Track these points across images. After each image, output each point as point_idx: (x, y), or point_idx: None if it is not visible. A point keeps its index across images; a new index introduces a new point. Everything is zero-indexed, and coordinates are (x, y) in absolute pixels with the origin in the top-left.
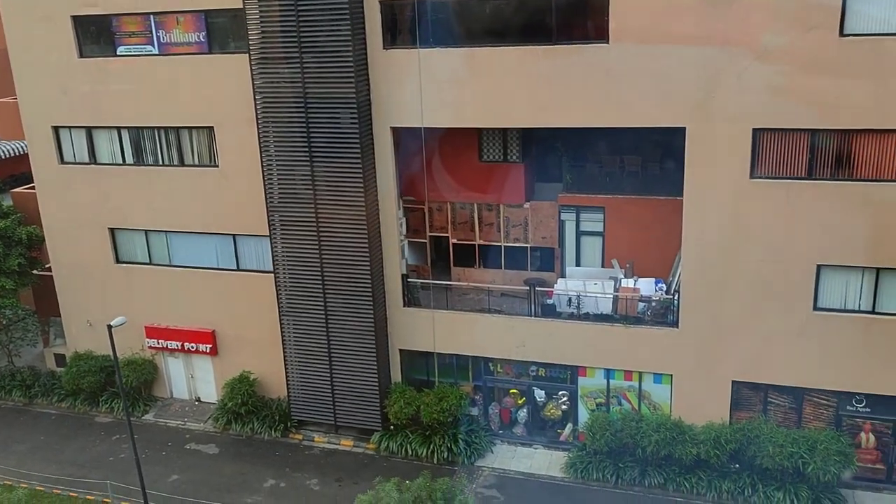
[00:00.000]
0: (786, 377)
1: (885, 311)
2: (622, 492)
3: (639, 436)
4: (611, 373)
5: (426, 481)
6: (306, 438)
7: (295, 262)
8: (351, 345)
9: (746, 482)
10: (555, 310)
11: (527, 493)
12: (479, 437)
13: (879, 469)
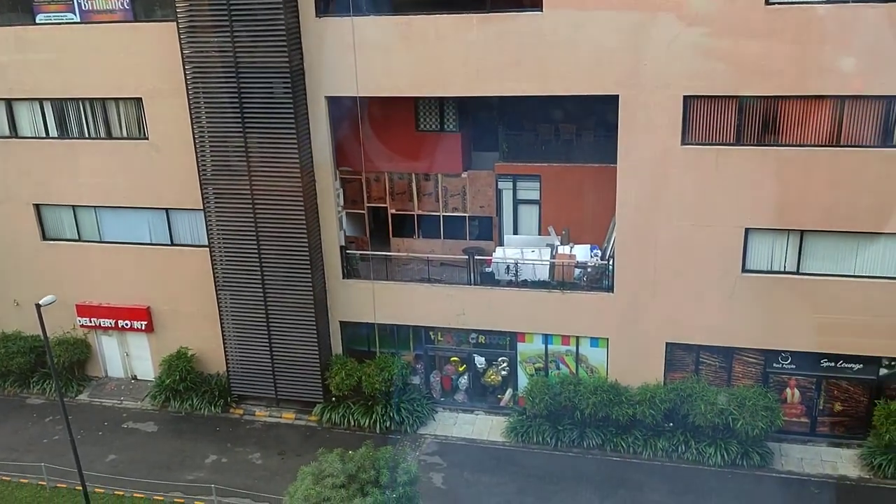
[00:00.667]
0: (716, 338)
1: (809, 271)
2: (561, 454)
3: (577, 399)
4: (549, 338)
5: (369, 451)
6: (247, 413)
7: (230, 235)
8: (290, 318)
9: (680, 439)
10: (493, 278)
11: (469, 458)
12: (421, 405)
13: (804, 422)
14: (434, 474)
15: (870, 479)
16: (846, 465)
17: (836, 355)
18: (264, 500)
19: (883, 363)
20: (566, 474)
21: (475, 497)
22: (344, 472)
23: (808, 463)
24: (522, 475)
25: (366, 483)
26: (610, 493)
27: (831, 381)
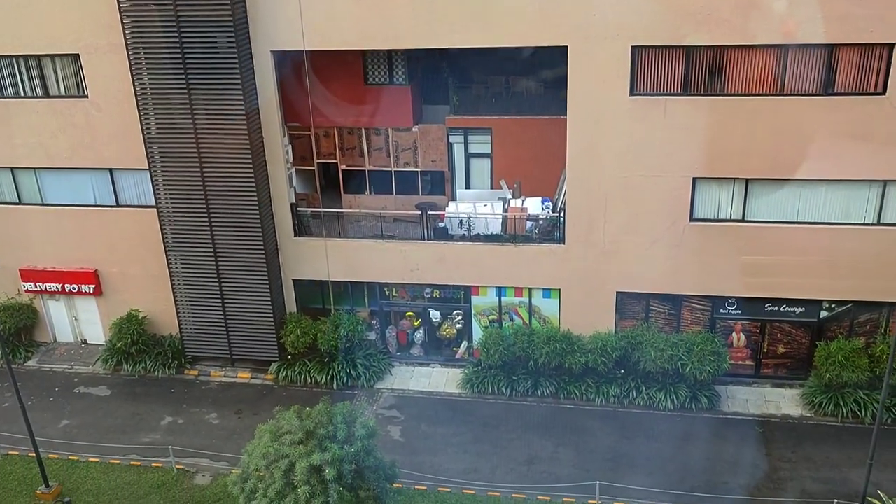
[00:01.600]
0: (665, 286)
1: (754, 219)
2: (516, 403)
3: (530, 349)
4: (502, 290)
5: (326, 407)
6: (202, 374)
7: (178, 195)
8: (242, 277)
9: (631, 386)
10: (447, 232)
11: (426, 410)
12: (378, 360)
13: (748, 365)
14: (392, 427)
15: (811, 417)
16: (789, 405)
17: (780, 300)
18: (222, 460)
19: (823, 306)
20: (521, 423)
21: (432, 448)
22: (301, 429)
23: (753, 404)
24: (478, 425)
25: (324, 438)
26: (564, 440)
27: (775, 324)
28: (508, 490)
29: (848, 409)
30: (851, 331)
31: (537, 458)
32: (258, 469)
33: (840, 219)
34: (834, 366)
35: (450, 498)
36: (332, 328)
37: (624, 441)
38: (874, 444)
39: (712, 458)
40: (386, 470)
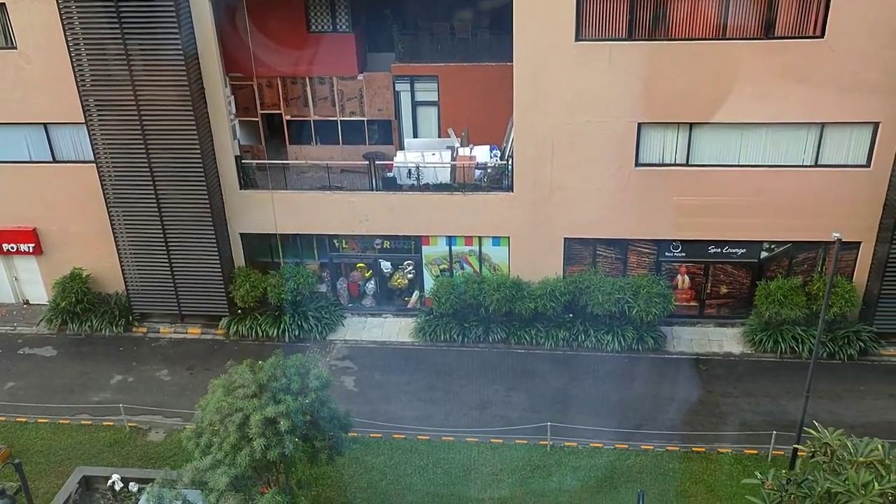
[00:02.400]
0: (612, 231)
1: (697, 163)
2: (468, 349)
3: (481, 296)
4: (452, 240)
5: (279, 359)
6: (151, 331)
7: (117, 149)
8: (188, 232)
9: (579, 329)
10: (395, 183)
11: (379, 360)
12: (329, 312)
13: (693, 306)
14: (346, 378)
15: (751, 353)
16: (731, 343)
17: (722, 242)
18: (176, 416)
19: (764, 246)
20: (473, 369)
21: (386, 396)
22: (255, 382)
23: (697, 343)
24: (432, 372)
25: (277, 391)
26: (516, 384)
27: (718, 266)
28: (462, 434)
29: (786, 345)
30: (790, 270)
31: (490, 402)
32: (212, 424)
33: (780, 161)
34: (773, 304)
35: (404, 444)
36: (282, 281)
37: (573, 383)
38: (811, 377)
39: (658, 397)
40: (341, 420)
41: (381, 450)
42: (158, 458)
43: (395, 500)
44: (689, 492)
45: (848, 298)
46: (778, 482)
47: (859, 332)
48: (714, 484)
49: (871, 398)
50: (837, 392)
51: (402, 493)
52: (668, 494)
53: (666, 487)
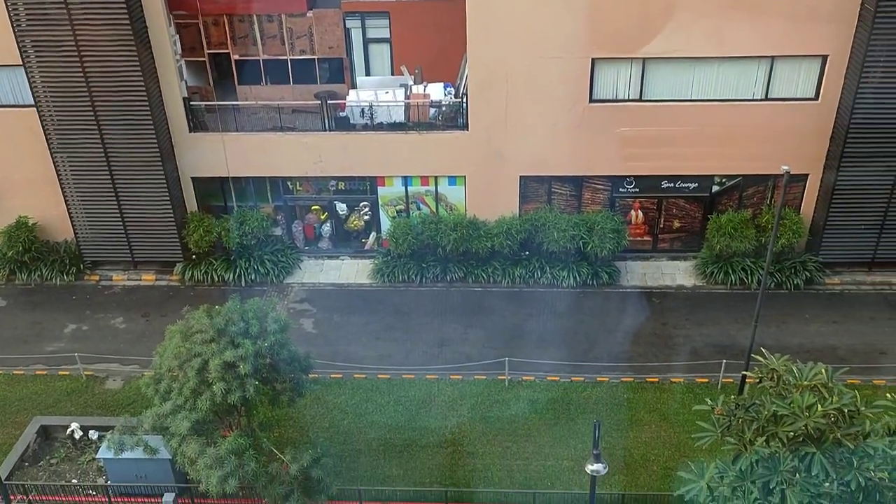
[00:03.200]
0: (566, 168)
1: (650, 98)
2: (427, 289)
3: (438, 236)
4: (408, 180)
5: (236, 304)
6: (104, 278)
7: (59, 92)
8: (137, 177)
9: (535, 266)
10: (348, 122)
11: (337, 302)
12: (286, 255)
13: (646, 241)
14: (304, 320)
15: (703, 286)
16: (683, 276)
17: (675, 177)
18: (133, 363)
19: (715, 181)
20: (432, 307)
21: (346, 338)
22: (212, 327)
23: (651, 277)
24: (391, 312)
25: (236, 335)
26: (474, 321)
27: (671, 200)
28: (422, 372)
29: (736, 277)
30: (740, 203)
31: (448, 340)
32: (171, 369)
33: (731, 95)
34: (724, 237)
35: (365, 384)
36: (237, 225)
37: (530, 319)
38: (759, 307)
39: (613, 330)
40: (301, 362)
41: (342, 390)
42: (117, 406)
43: (357, 437)
44: (643, 420)
45: (795, 230)
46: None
47: (805, 262)
48: (667, 412)
49: (816, 325)
50: (784, 320)
51: (365, 430)
52: (623, 424)
53: (621, 417)
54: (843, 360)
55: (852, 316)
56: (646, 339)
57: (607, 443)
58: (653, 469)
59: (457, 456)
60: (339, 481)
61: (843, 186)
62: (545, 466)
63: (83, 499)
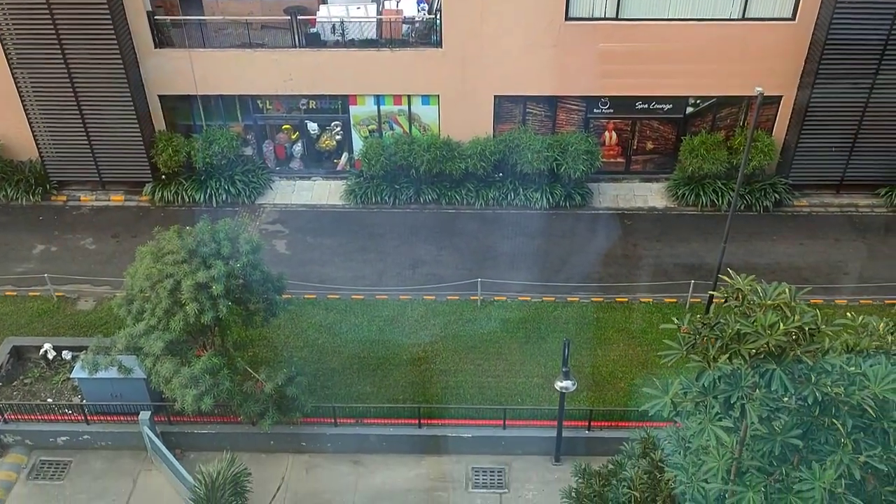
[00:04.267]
0: (541, 88)
1: (627, 16)
2: (400, 211)
3: (411, 157)
4: (380, 99)
5: (207, 225)
6: (71, 199)
7: (14, 4)
8: (102, 95)
9: (509, 188)
10: (319, 39)
11: (310, 223)
12: (257, 175)
13: (619, 162)
14: (277, 241)
15: (674, 207)
16: (655, 198)
17: (650, 98)
18: (104, 285)
19: (689, 102)
20: (405, 229)
21: (319, 259)
22: (184, 248)
23: (623, 198)
24: (364, 234)
25: (208, 256)
26: (447, 243)
27: (644, 122)
28: (395, 292)
29: (707, 199)
30: (713, 125)
31: (422, 261)
32: (143, 290)
33: (708, 14)
34: (696, 159)
35: (339, 304)
36: (206, 145)
37: (503, 240)
38: (728, 228)
39: (584, 251)
40: (274, 282)
41: (316, 310)
42: (90, 327)
43: (331, 356)
44: (611, 339)
45: (767, 152)
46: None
47: (775, 184)
48: (635, 331)
49: (783, 246)
50: (752, 241)
51: (339, 349)
52: (592, 342)
53: (590, 336)
54: (808, 280)
55: (818, 237)
56: (616, 259)
57: (576, 361)
58: (620, 386)
59: (430, 373)
60: (314, 399)
61: (816, 107)
62: (516, 383)
63: (59, 418)
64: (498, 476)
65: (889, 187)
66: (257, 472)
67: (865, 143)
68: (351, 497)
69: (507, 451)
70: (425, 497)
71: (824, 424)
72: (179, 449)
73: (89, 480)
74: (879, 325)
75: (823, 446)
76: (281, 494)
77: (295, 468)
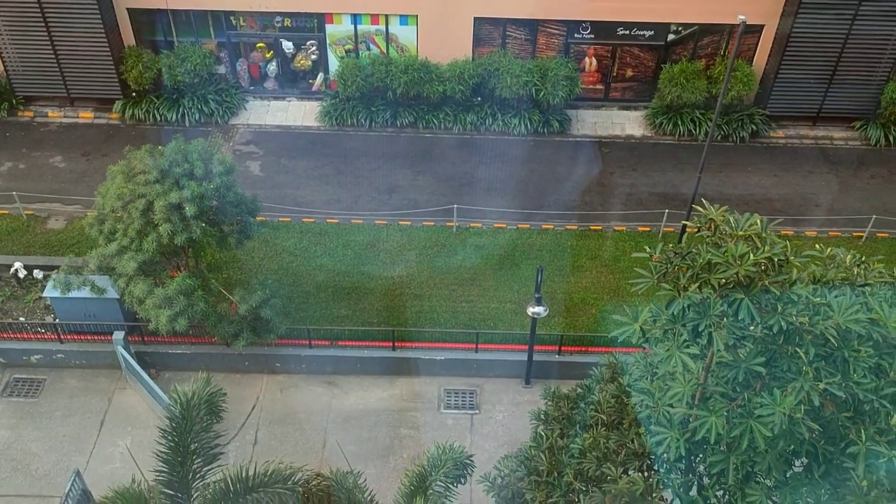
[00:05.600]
0: (522, 9)
1: None
2: (376, 134)
3: (388, 79)
4: (357, 17)
5: (179, 144)
6: (39, 115)
7: None
8: (68, 5)
9: (487, 113)
10: None
11: (284, 144)
12: (230, 95)
13: (599, 89)
14: (251, 163)
15: (652, 136)
16: (633, 126)
17: (632, 23)
18: (75, 203)
19: (671, 29)
20: (381, 153)
21: (294, 181)
22: (156, 168)
23: (601, 126)
24: (339, 157)
25: (180, 177)
26: (423, 167)
27: (625, 48)
28: (371, 217)
29: (684, 128)
30: (694, 53)
31: (398, 186)
32: (115, 210)
33: None
34: (675, 87)
35: (314, 227)
36: (178, 62)
37: (480, 166)
38: (704, 158)
39: (561, 179)
40: (248, 204)
41: (290, 233)
42: (61, 246)
43: (306, 279)
44: (584, 267)
45: (746, 82)
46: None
47: (753, 115)
48: (608, 259)
49: (758, 177)
50: (727, 172)
51: (314, 272)
52: (565, 269)
53: (564, 263)
54: (780, 211)
55: (792, 169)
56: (592, 187)
57: (549, 287)
58: (591, 312)
59: (404, 298)
60: (289, 321)
61: (798, 36)
62: (489, 308)
63: (32, 336)
64: (469, 397)
65: (864, 121)
66: (232, 392)
67: (844, 75)
68: (325, 417)
69: (479, 373)
70: (398, 417)
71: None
72: (154, 368)
73: (64, 398)
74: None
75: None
76: (256, 414)
77: (270, 389)
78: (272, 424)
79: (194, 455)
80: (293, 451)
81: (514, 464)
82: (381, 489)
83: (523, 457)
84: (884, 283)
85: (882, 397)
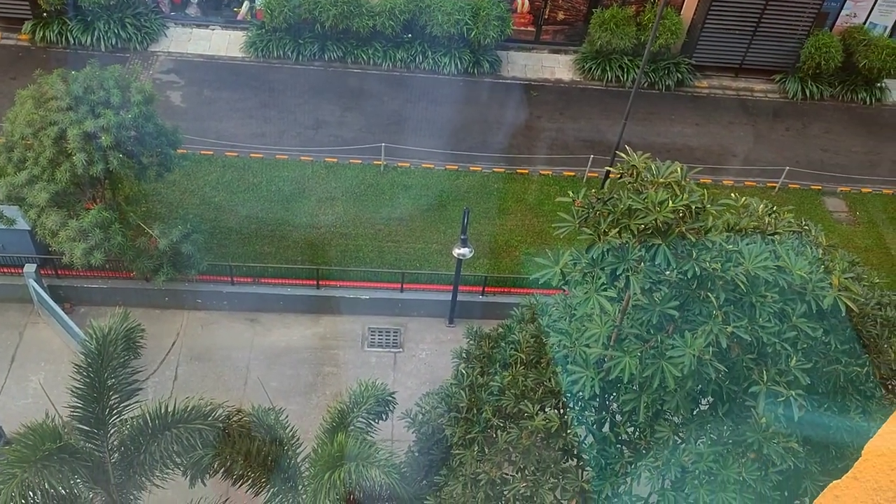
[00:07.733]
0: None
1: None
2: (303, 67)
3: (317, 11)
4: None
5: (95, 70)
6: None
7: None
8: None
9: (418, 50)
10: None
11: (207, 75)
12: (150, 20)
13: (530, 31)
14: (171, 93)
15: (580, 81)
16: (563, 70)
17: None
18: None
19: None
20: (308, 87)
21: (217, 114)
22: (69, 94)
23: (531, 69)
24: (265, 90)
25: (96, 105)
26: (351, 104)
27: None
28: (296, 153)
29: (612, 74)
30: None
31: (325, 122)
32: (24, 137)
33: None
34: (606, 32)
35: (237, 162)
36: None
37: (408, 105)
38: (630, 105)
39: (489, 121)
40: (168, 136)
41: (213, 167)
42: None
43: (229, 214)
44: (510, 209)
45: (674, 30)
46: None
47: (679, 63)
48: (533, 202)
49: (680, 126)
50: (652, 119)
51: (236, 207)
52: (491, 212)
53: (490, 206)
54: (699, 160)
55: (713, 119)
56: (520, 130)
57: (475, 229)
58: (515, 255)
59: (329, 236)
60: (210, 257)
61: None
62: (415, 249)
63: None
64: (393, 336)
65: (784, 74)
66: (152, 328)
67: (767, 28)
68: (247, 353)
69: (404, 312)
70: (321, 355)
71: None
72: (69, 303)
73: None
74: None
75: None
76: (176, 350)
77: (190, 325)
78: (193, 361)
79: (111, 391)
80: (214, 387)
81: (435, 401)
82: (302, 425)
83: (444, 394)
84: (792, 233)
85: (784, 340)
